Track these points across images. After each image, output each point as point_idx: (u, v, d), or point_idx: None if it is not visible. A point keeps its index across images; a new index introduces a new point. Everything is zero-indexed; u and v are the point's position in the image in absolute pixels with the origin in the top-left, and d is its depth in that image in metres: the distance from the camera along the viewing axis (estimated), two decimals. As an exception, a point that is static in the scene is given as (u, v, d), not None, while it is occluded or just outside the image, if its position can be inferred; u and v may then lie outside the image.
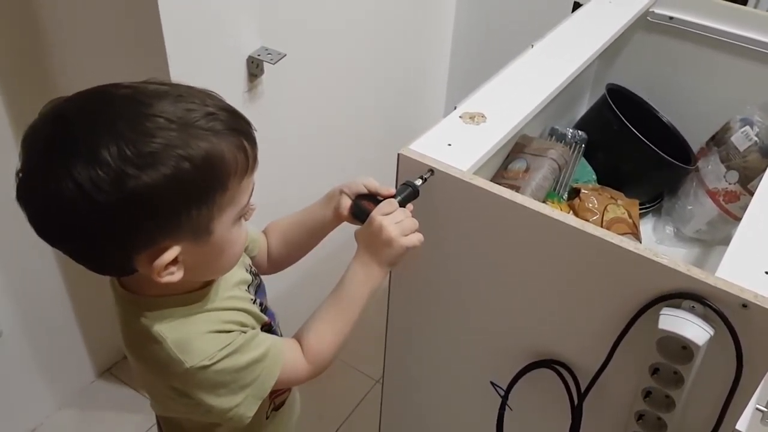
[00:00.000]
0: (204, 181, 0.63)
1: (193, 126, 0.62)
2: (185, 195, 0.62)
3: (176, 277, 0.66)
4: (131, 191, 0.59)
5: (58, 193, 0.58)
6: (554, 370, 0.95)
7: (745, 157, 1.32)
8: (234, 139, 0.65)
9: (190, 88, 0.66)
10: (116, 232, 0.61)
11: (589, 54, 1.21)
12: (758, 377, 0.78)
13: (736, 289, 0.75)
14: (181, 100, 0.63)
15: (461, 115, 1.02)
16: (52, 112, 0.61)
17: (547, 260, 0.88)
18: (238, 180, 0.66)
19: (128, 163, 0.58)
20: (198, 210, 0.64)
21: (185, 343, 0.70)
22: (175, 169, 0.60)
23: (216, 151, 0.62)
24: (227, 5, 1.09)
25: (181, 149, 0.60)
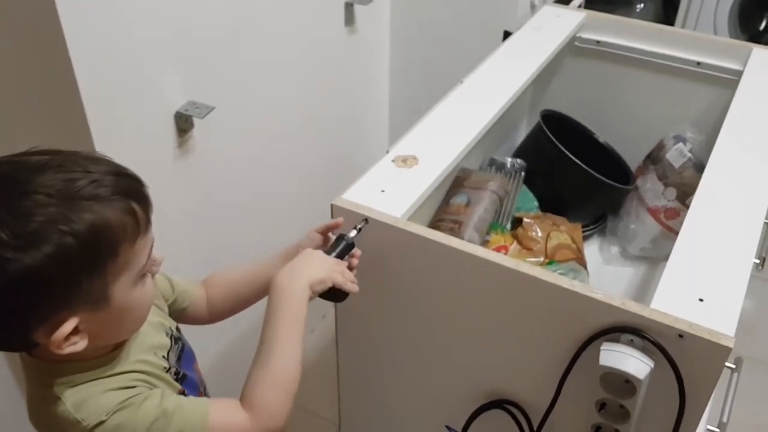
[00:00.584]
0: (91, 252, 0.61)
1: (75, 197, 0.61)
2: (72, 269, 0.61)
3: (80, 346, 0.65)
4: (13, 274, 0.58)
5: None
6: (506, 410, 0.94)
7: (681, 173, 1.34)
8: (121, 204, 0.64)
9: (73, 154, 0.65)
10: (7, 314, 0.61)
11: (519, 84, 1.22)
12: (702, 404, 0.79)
13: (671, 320, 0.75)
14: (62, 170, 0.62)
15: (393, 159, 1.02)
16: None
17: (486, 301, 0.88)
18: (129, 245, 0.65)
19: (7, 248, 0.57)
20: (89, 281, 0.62)
21: (83, 402, 0.67)
22: (58, 246, 0.59)
23: (101, 221, 0.61)
24: (149, 62, 1.07)
25: (62, 224, 0.59)
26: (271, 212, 1.51)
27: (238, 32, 1.25)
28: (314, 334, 1.81)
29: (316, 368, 1.92)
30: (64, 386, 0.68)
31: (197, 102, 1.15)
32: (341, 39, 1.59)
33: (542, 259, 1.24)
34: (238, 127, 1.31)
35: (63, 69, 0.94)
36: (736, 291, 0.80)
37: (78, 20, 0.92)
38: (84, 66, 0.95)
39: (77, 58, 0.93)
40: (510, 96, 1.20)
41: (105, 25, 0.97)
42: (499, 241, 1.24)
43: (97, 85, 0.98)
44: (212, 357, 1.39)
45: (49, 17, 0.90)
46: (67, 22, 0.90)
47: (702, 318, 0.76)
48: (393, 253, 0.92)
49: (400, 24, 1.75)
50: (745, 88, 1.21)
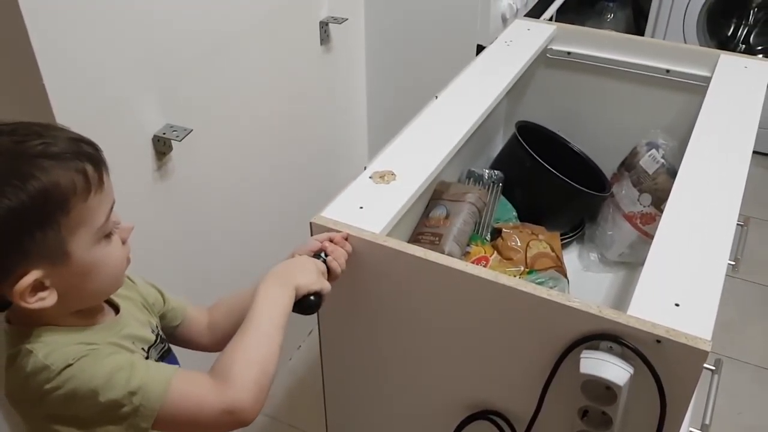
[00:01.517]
0: (41, 206, 0.65)
1: (25, 155, 0.65)
2: (25, 222, 0.64)
3: (48, 301, 0.68)
4: None
5: None
6: (491, 421, 0.95)
7: (654, 179, 1.37)
8: (71, 163, 0.67)
9: (29, 123, 0.69)
10: None
11: (494, 97, 1.24)
12: (683, 407, 0.80)
13: (648, 326, 0.76)
14: (14, 134, 0.66)
15: (371, 176, 1.03)
16: None
17: (467, 313, 0.89)
18: (80, 200, 0.67)
19: None
20: (43, 234, 0.66)
21: (52, 351, 0.69)
22: (10, 200, 0.63)
23: (49, 176, 0.65)
24: (125, 86, 1.07)
25: (12, 178, 0.63)
26: (252, 232, 1.51)
27: (215, 54, 1.26)
28: (301, 350, 1.81)
29: (302, 385, 1.92)
30: (36, 341, 0.69)
31: (175, 125, 1.16)
32: (317, 57, 1.60)
33: (522, 268, 1.25)
34: (216, 148, 1.32)
35: (37, 95, 0.94)
36: (711, 294, 0.82)
37: (51, 45, 0.92)
38: (59, 91, 0.95)
39: (52, 85, 0.94)
40: (484, 109, 1.21)
41: (79, 50, 0.98)
42: (480, 252, 1.25)
43: (73, 110, 0.98)
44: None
45: (21, 44, 0.90)
46: (40, 48, 0.91)
47: (678, 323, 0.77)
48: (373, 269, 0.92)
49: (375, 41, 1.77)
50: (714, 94, 1.24)
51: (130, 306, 0.82)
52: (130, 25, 1.05)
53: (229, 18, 1.27)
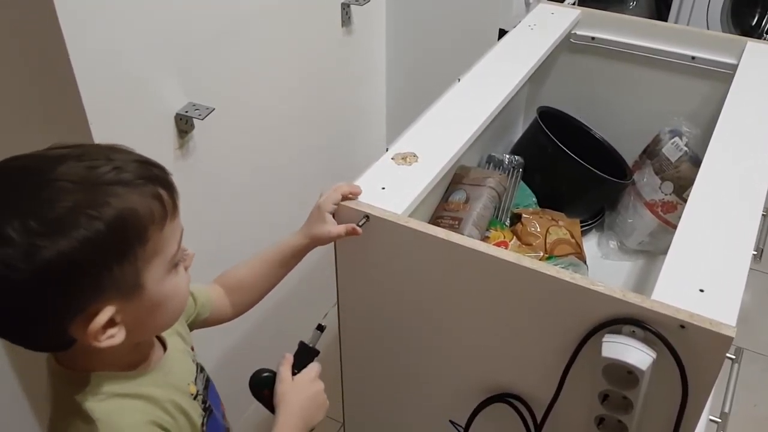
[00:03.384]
0: (120, 237, 0.61)
1: (100, 183, 0.60)
2: (103, 255, 0.60)
3: (118, 339, 0.63)
4: (44, 262, 0.57)
5: None
6: (509, 404, 0.95)
7: (677, 167, 1.35)
8: (146, 189, 0.63)
9: (95, 146, 0.65)
10: (41, 306, 0.59)
11: (516, 81, 1.23)
12: (705, 394, 0.79)
13: (672, 311, 0.76)
14: (84, 159, 0.61)
15: (393, 157, 1.02)
16: None
17: (488, 295, 0.88)
18: (157, 229, 0.64)
19: (34, 235, 0.57)
20: (120, 267, 0.61)
21: (116, 424, 0.66)
22: (87, 230, 0.58)
23: (127, 205, 0.61)
24: (148, 65, 1.07)
25: (89, 209, 0.59)
26: (272, 211, 1.51)
27: (237, 34, 1.26)
28: (315, 333, 1.81)
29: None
30: (87, 395, 0.66)
31: (197, 103, 1.16)
32: (338, 39, 1.60)
33: (541, 254, 1.24)
34: (237, 128, 1.32)
35: (64, 73, 0.94)
36: (736, 281, 0.81)
37: (78, 25, 0.92)
38: (85, 70, 0.95)
39: (78, 63, 0.94)
40: (507, 93, 1.20)
41: (105, 29, 0.98)
42: (499, 237, 1.25)
43: (97, 89, 0.98)
44: (215, 360, 1.40)
45: (49, 23, 0.90)
46: (67, 27, 0.91)
47: (703, 308, 0.76)
48: (394, 250, 0.92)
49: (396, 24, 1.76)
50: (741, 82, 1.22)
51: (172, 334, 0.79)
52: (154, 4, 1.05)
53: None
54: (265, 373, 0.84)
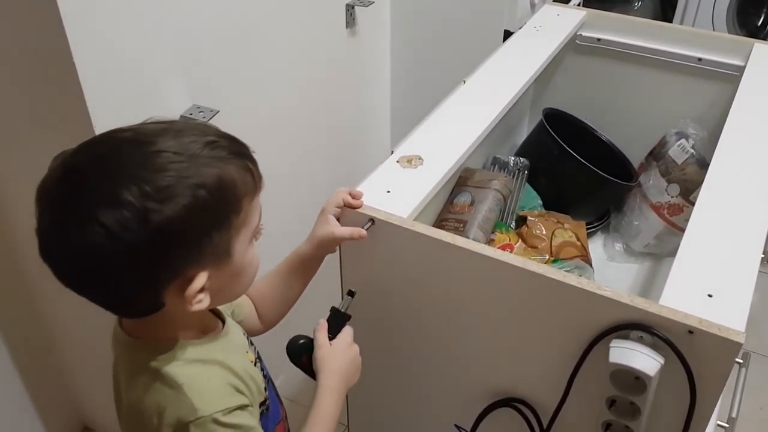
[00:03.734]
0: (220, 205, 0.65)
1: (199, 155, 0.64)
2: (205, 221, 0.64)
3: (205, 303, 0.67)
4: (156, 226, 0.60)
5: (87, 241, 0.60)
6: (515, 409, 0.94)
7: (683, 169, 1.34)
8: (239, 162, 0.68)
9: (186, 122, 0.71)
10: (147, 268, 0.63)
11: (521, 83, 1.22)
12: (713, 400, 0.79)
13: (681, 316, 0.75)
14: (181, 134, 0.65)
15: (398, 160, 1.02)
16: (63, 166, 0.63)
17: (493, 299, 0.88)
18: (249, 200, 0.69)
19: (150, 199, 0.60)
20: (219, 234, 0.66)
21: (201, 390, 0.68)
22: (192, 198, 0.62)
23: (226, 175, 0.65)
24: (153, 67, 1.07)
25: (194, 178, 0.63)
26: (276, 214, 1.51)
27: (241, 36, 1.25)
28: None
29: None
30: (167, 361, 0.69)
31: (201, 105, 1.15)
32: (343, 40, 1.59)
33: (547, 257, 1.24)
34: (241, 130, 1.30)
35: (68, 76, 0.94)
36: (744, 286, 0.81)
37: (82, 27, 0.92)
38: (88, 72, 0.95)
39: (82, 65, 0.94)
40: (512, 95, 1.20)
41: (109, 32, 0.97)
42: (504, 240, 1.24)
43: (101, 91, 0.98)
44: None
45: (53, 25, 0.90)
46: (71, 29, 0.90)
47: (711, 313, 0.76)
48: (399, 254, 0.92)
49: (400, 25, 1.76)
50: (748, 84, 1.21)
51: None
52: (159, 7, 1.05)
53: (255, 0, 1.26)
54: (302, 340, 0.86)
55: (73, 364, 1.46)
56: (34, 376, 1.44)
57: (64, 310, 1.33)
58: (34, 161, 1.10)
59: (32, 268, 1.28)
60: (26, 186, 1.18)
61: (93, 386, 1.50)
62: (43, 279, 0.65)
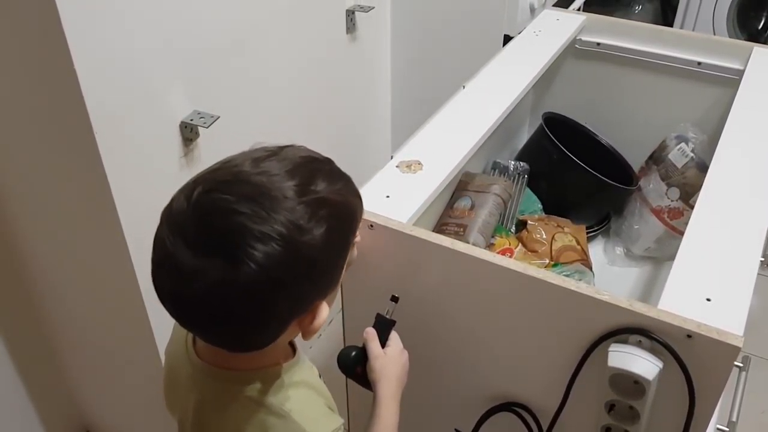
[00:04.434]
0: (347, 233, 0.68)
1: (324, 184, 0.66)
2: (337, 250, 0.66)
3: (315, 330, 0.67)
4: (305, 257, 0.61)
5: (235, 279, 0.59)
6: (515, 413, 0.94)
7: (683, 173, 1.35)
8: (353, 187, 0.70)
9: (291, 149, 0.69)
10: (287, 303, 0.63)
11: (521, 88, 1.23)
12: (712, 404, 0.79)
13: (679, 320, 0.75)
14: (300, 166, 0.66)
15: (398, 165, 1.02)
16: (203, 208, 0.61)
17: (493, 304, 0.88)
18: (357, 225, 0.71)
19: (297, 231, 0.61)
20: (343, 260, 0.68)
21: (309, 415, 0.69)
22: (329, 227, 0.63)
23: (350, 203, 0.68)
24: (153, 73, 1.07)
25: (328, 208, 0.64)
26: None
27: (242, 41, 1.26)
28: (321, 339, 1.81)
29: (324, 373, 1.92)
30: (286, 396, 0.69)
31: (202, 111, 1.16)
32: (343, 46, 1.60)
33: (547, 261, 1.24)
34: (242, 136, 1.32)
35: (68, 82, 0.95)
36: (743, 290, 0.81)
37: (82, 33, 0.93)
38: (89, 78, 0.96)
39: (82, 72, 0.94)
40: (512, 99, 1.20)
41: (109, 38, 0.98)
42: (504, 244, 1.25)
43: (102, 96, 0.98)
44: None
45: (54, 32, 0.91)
46: (72, 36, 0.91)
47: (710, 318, 0.76)
48: (399, 259, 0.92)
49: (400, 30, 1.76)
50: (747, 87, 1.21)
51: None
52: (158, 12, 1.05)
53: (256, 5, 1.27)
54: (354, 351, 0.86)
55: (74, 366, 1.47)
56: (36, 378, 1.45)
57: (66, 312, 1.34)
58: (33, 165, 1.11)
59: (33, 270, 1.29)
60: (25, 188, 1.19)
61: (95, 389, 1.50)
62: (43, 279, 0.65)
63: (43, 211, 1.17)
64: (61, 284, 1.28)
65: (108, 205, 1.05)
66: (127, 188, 1.06)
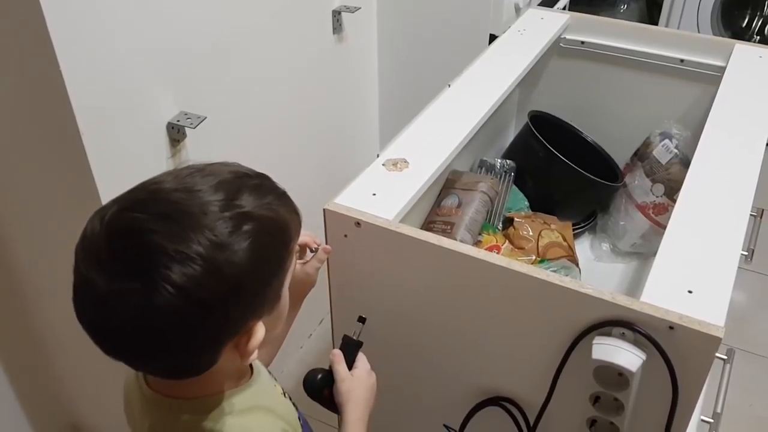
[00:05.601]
0: (278, 249, 0.64)
1: (253, 201, 0.62)
2: (267, 268, 0.62)
3: (256, 354, 0.64)
4: (227, 277, 0.57)
5: (155, 305, 0.55)
6: (502, 407, 0.95)
7: (668, 169, 1.36)
8: (287, 202, 0.67)
9: (221, 165, 0.66)
10: (215, 326, 0.59)
11: (505, 86, 1.24)
12: (695, 394, 0.80)
13: (662, 312, 0.77)
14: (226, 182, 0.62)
15: (384, 163, 1.03)
16: (116, 229, 0.58)
17: (479, 300, 0.89)
18: (293, 241, 0.67)
19: (218, 250, 0.57)
20: (276, 279, 0.64)
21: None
22: (256, 244, 0.59)
23: (280, 218, 0.64)
24: (140, 75, 1.08)
25: (254, 224, 0.60)
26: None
27: (229, 42, 1.26)
28: (311, 339, 1.81)
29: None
30: (222, 418, 0.65)
31: (189, 112, 1.16)
32: (330, 46, 1.61)
33: (534, 257, 1.25)
34: (229, 136, 1.33)
35: (55, 84, 0.95)
36: (724, 282, 0.82)
37: (68, 36, 0.93)
38: (75, 80, 0.96)
39: (68, 73, 0.95)
40: (497, 97, 1.21)
41: (96, 40, 0.98)
42: (491, 242, 1.26)
43: (88, 99, 0.99)
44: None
45: (39, 34, 0.91)
46: (57, 38, 0.91)
47: (692, 309, 0.77)
48: (386, 256, 0.93)
49: (387, 30, 1.77)
50: (728, 84, 1.23)
51: None
52: (145, 14, 1.06)
53: (242, 6, 1.27)
54: (320, 374, 0.86)
55: (61, 364, 1.46)
56: (22, 376, 1.45)
57: (52, 310, 1.34)
58: (19, 166, 1.11)
59: (18, 267, 1.29)
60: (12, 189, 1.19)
61: (81, 386, 1.50)
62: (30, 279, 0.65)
63: (30, 210, 1.17)
64: (48, 283, 1.28)
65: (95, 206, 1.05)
66: (115, 189, 1.06)
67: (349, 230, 0.93)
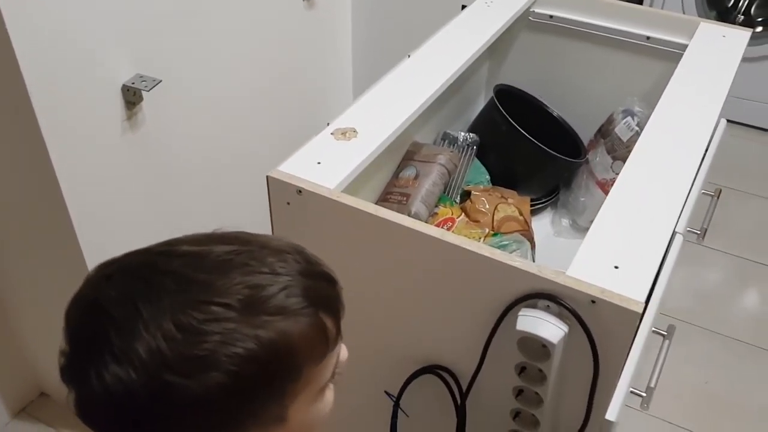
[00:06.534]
0: (270, 378, 0.51)
1: (260, 311, 0.50)
2: (248, 397, 0.50)
3: None
4: (178, 403, 0.48)
5: (90, 393, 0.49)
6: (438, 375, 0.97)
7: (628, 147, 1.36)
8: (310, 319, 0.53)
9: (263, 247, 0.55)
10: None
11: (466, 57, 1.23)
12: (617, 368, 0.81)
13: (584, 286, 0.78)
14: (250, 270, 0.52)
15: (333, 132, 1.03)
16: (92, 293, 0.52)
17: (413, 270, 0.90)
18: (314, 364, 0.54)
19: (166, 368, 0.47)
20: (266, 406, 0.52)
21: None
22: (232, 373, 0.48)
23: (285, 340, 0.51)
24: (93, 35, 1.07)
25: (239, 345, 0.48)
26: (224, 186, 1.52)
27: (192, 6, 1.26)
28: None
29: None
30: None
31: (145, 75, 1.16)
32: (299, 14, 1.59)
33: (488, 231, 1.26)
34: (189, 101, 1.32)
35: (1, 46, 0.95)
36: (652, 258, 0.83)
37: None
38: (23, 38, 0.96)
39: (15, 31, 0.94)
40: (457, 68, 1.21)
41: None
42: (447, 214, 1.26)
43: (38, 57, 0.99)
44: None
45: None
46: None
47: (614, 284, 0.78)
48: (326, 225, 0.94)
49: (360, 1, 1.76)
50: (688, 62, 1.23)
51: None
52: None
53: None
54: None
55: (27, 329, 1.48)
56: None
57: (18, 274, 1.35)
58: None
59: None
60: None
61: (49, 351, 1.51)
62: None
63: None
64: (8, 247, 1.29)
65: (46, 168, 1.06)
66: (67, 153, 1.07)
67: (291, 198, 0.94)
